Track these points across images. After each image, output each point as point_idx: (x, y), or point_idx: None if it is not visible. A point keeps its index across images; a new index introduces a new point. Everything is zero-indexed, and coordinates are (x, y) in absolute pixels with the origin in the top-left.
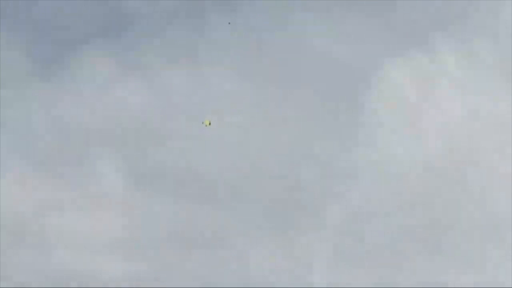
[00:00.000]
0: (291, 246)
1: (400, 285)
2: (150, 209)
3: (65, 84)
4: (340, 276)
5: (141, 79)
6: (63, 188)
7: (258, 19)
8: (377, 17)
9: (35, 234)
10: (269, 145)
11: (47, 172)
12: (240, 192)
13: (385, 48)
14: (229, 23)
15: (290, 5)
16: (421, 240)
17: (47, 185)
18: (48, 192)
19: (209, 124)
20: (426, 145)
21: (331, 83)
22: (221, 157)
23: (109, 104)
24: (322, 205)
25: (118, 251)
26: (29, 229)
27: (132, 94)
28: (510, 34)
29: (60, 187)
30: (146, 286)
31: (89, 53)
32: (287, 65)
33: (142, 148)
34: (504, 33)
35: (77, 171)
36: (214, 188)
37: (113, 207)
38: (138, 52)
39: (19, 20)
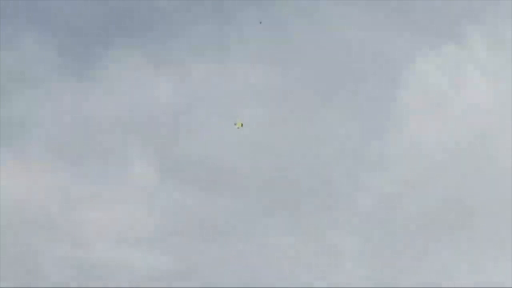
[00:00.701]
0: (322, 237)
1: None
2: (180, 202)
3: (96, 80)
4: (371, 264)
5: (170, 74)
6: (96, 183)
7: (286, 13)
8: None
9: (68, 229)
10: (298, 137)
11: (80, 167)
12: (270, 184)
13: (415, 38)
14: (260, 22)
15: None
16: (450, 224)
17: (80, 180)
18: (81, 187)
19: (241, 125)
20: (456, 132)
21: (360, 73)
22: (250, 150)
23: (139, 98)
24: (353, 194)
25: (149, 243)
26: (63, 224)
27: (162, 88)
28: None
29: (92, 181)
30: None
31: (119, 50)
32: (315, 56)
33: (171, 141)
34: None
35: (109, 165)
36: (244, 181)
37: (145, 200)
38: (167, 48)
39: (50, 20)
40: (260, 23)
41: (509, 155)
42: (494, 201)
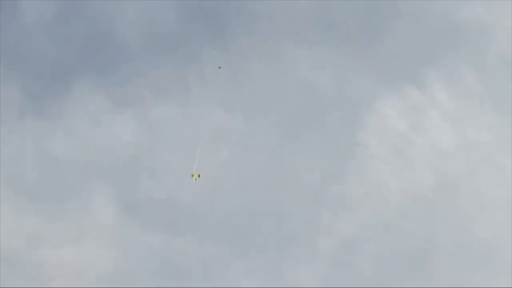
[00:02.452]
0: (283, 278)
1: None
2: (141, 242)
3: (57, 119)
4: None
5: (132, 114)
6: (57, 221)
7: (248, 54)
8: (367, 50)
9: (30, 267)
10: (258, 177)
11: (40, 205)
12: (230, 224)
13: (376, 80)
14: (219, 67)
15: (280, 40)
16: (412, 267)
17: (41, 219)
18: (42, 225)
19: (198, 176)
20: (416, 175)
21: (321, 115)
22: (211, 190)
23: (101, 138)
24: (313, 236)
25: (111, 283)
26: (23, 262)
27: (123, 128)
28: (498, 65)
29: (53, 220)
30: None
31: (80, 88)
32: (277, 98)
33: (133, 181)
34: (492, 64)
35: (69, 204)
36: (204, 221)
37: (105, 240)
38: (129, 87)
39: (12, 58)
40: (219, 68)
41: (470, 199)
42: (455, 245)
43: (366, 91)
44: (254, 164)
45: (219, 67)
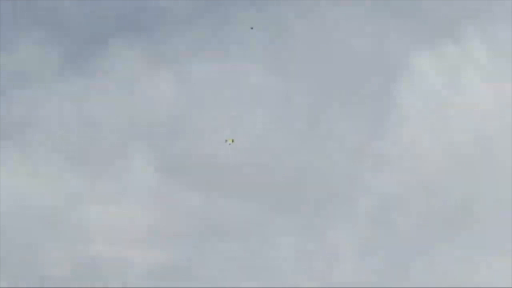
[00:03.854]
0: (321, 236)
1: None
2: (181, 201)
3: (95, 79)
4: (371, 264)
5: (168, 72)
6: (97, 181)
7: (285, 13)
8: (404, 7)
9: (70, 227)
10: (298, 136)
11: (79, 166)
12: (269, 183)
13: (413, 38)
14: (251, 28)
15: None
16: (451, 225)
17: (80, 179)
18: (81, 186)
19: (232, 141)
20: (454, 134)
21: (359, 75)
22: (249, 148)
23: (138, 97)
24: (352, 194)
25: (150, 241)
26: (64, 222)
27: (160, 87)
28: None
29: (93, 180)
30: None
31: (117, 48)
32: (315, 58)
33: (171, 140)
34: None
35: (109, 164)
36: (242, 179)
37: (145, 199)
38: (167, 47)
39: (50, 20)
40: (252, 28)
41: (508, 156)
42: (494, 202)
43: (403, 49)
44: (293, 123)
45: (252, 28)
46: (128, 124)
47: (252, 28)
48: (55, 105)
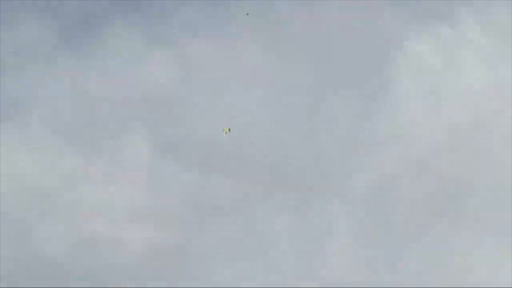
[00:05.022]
0: (314, 215)
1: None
2: (176, 180)
3: (92, 59)
4: (364, 245)
5: (166, 52)
6: (93, 160)
7: None
8: None
9: (66, 206)
10: (293, 116)
11: (76, 146)
12: (264, 163)
13: (408, 19)
14: (247, 14)
15: None
16: (445, 205)
17: (77, 159)
18: (78, 165)
19: (229, 131)
20: (451, 114)
21: (354, 56)
22: (245, 128)
23: (135, 77)
24: (346, 174)
25: (144, 219)
26: (60, 201)
27: (157, 67)
28: None
29: (89, 159)
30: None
31: (114, 28)
32: (310, 40)
33: (168, 121)
34: None
35: (105, 143)
36: (238, 159)
37: (140, 179)
38: (164, 26)
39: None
40: (247, 14)
41: (505, 136)
42: (491, 183)
43: (398, 31)
44: (288, 103)
45: (247, 14)
46: (124, 104)
47: (247, 14)
48: (52, 85)
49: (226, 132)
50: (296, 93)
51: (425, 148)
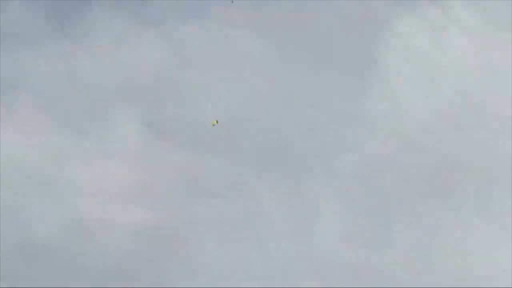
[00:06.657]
0: (303, 194)
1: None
2: (167, 160)
3: (82, 40)
4: (349, 222)
5: (155, 34)
6: (83, 141)
7: None
8: None
9: (57, 186)
10: (283, 96)
11: (66, 126)
12: (256, 142)
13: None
14: (232, 1)
15: None
16: (433, 184)
17: (67, 139)
18: (68, 145)
19: (216, 122)
20: (438, 93)
21: (343, 36)
22: (235, 108)
23: (124, 58)
24: (335, 153)
25: (136, 201)
26: (51, 182)
27: (147, 49)
28: None
29: (80, 140)
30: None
31: (104, 9)
32: (300, 21)
33: (158, 101)
34: None
35: (96, 124)
36: (229, 139)
37: (131, 159)
38: (152, 7)
39: None
40: (232, 2)
41: (494, 115)
42: (481, 160)
43: (386, 11)
44: (278, 84)
45: (232, 1)
46: (115, 85)
47: (232, 1)
48: (42, 66)
49: (213, 124)
50: (285, 73)
51: (413, 128)
